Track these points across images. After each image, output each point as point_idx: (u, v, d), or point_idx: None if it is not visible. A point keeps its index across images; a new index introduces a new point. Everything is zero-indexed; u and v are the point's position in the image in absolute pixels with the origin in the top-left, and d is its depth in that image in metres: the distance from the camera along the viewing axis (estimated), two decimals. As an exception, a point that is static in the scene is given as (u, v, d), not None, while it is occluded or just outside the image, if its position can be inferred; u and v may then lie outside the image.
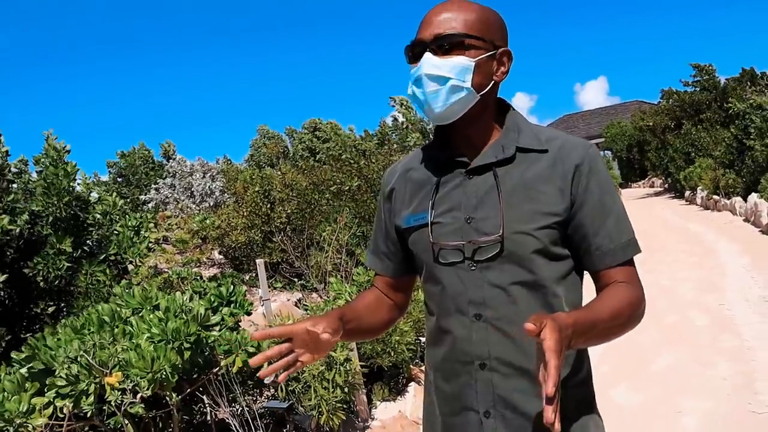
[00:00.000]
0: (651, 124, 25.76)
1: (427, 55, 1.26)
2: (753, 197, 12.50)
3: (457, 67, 1.25)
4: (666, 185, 25.03)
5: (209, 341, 3.42)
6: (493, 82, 1.31)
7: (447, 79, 1.25)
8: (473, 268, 1.27)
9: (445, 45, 1.25)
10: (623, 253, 1.28)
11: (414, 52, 1.30)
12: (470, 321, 1.28)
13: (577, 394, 1.30)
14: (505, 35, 1.34)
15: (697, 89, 23.74)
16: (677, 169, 20.83)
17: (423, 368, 4.79)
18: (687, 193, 19.41)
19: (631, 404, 4.18)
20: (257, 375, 1.33)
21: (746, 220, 12.40)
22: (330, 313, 1.30)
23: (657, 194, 24.63)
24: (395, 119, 9.61)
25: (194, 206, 14.75)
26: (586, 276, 1.36)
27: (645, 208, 18.75)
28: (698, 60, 24.23)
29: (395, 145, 9.99)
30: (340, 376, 3.59)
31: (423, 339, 4.86)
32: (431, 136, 1.58)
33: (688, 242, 10.81)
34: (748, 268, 7.92)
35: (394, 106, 9.92)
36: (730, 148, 16.68)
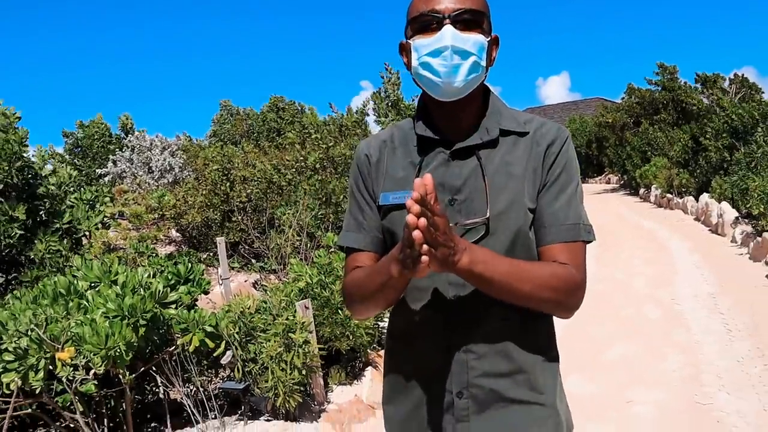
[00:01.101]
0: (610, 121, 26.27)
1: (450, 27, 1.22)
2: (704, 197, 12.88)
3: (478, 43, 1.24)
4: (622, 182, 25.59)
5: (166, 319, 3.34)
6: (488, 66, 1.31)
7: (470, 54, 1.23)
8: None
9: (468, 20, 1.23)
10: (567, 233, 1.25)
11: (425, 24, 1.25)
12: (448, 304, 1.27)
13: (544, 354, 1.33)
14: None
15: (659, 88, 24.27)
16: (634, 166, 21.31)
17: (381, 353, 4.79)
18: (642, 190, 19.88)
19: (583, 394, 4.27)
20: (215, 355, 1.24)
21: (697, 219, 12.77)
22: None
23: (613, 190, 25.16)
24: (380, 93, 9.45)
25: (152, 182, 14.44)
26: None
27: (601, 204, 19.13)
28: (664, 60, 24.74)
29: (370, 126, 9.90)
30: (298, 358, 3.56)
31: (382, 324, 4.86)
32: (406, 115, 1.54)
33: (642, 238, 11.07)
34: (698, 265, 8.17)
35: (381, 77, 9.74)
36: (685, 147, 17.13)
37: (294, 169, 8.97)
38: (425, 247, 1.00)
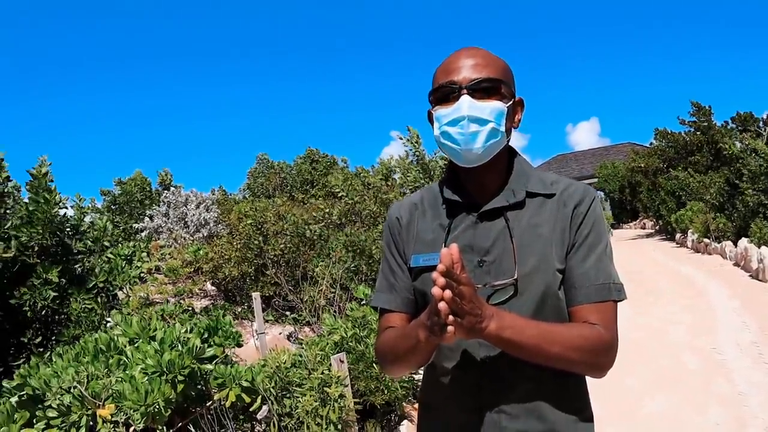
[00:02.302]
0: (643, 165, 26.06)
1: (467, 98, 1.29)
2: (743, 242, 12.61)
3: (496, 110, 1.30)
4: (657, 227, 25.20)
5: (203, 374, 3.40)
6: (512, 129, 1.38)
7: (487, 122, 1.29)
8: None
9: (485, 89, 1.30)
10: (597, 294, 1.28)
11: (444, 94, 1.32)
12: (478, 365, 1.30)
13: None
14: (514, 85, 1.40)
15: (692, 129, 24.04)
16: (668, 211, 21.01)
17: (416, 406, 4.76)
18: (678, 235, 19.54)
19: (623, 448, 4.16)
20: (251, 410, 1.27)
21: (736, 264, 12.48)
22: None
23: (648, 236, 24.78)
24: (401, 156, 9.70)
25: (188, 236, 14.73)
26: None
27: (636, 249, 18.84)
28: (696, 99, 24.58)
29: (398, 181, 10.06)
30: (333, 412, 3.57)
31: (417, 377, 4.83)
32: (432, 174, 1.61)
33: (679, 285, 10.85)
34: (739, 312, 7.96)
35: (400, 139, 9.97)
36: (721, 191, 16.88)
37: (322, 223, 9.12)
38: (451, 317, 1.05)
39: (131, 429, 2.93)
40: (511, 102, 1.35)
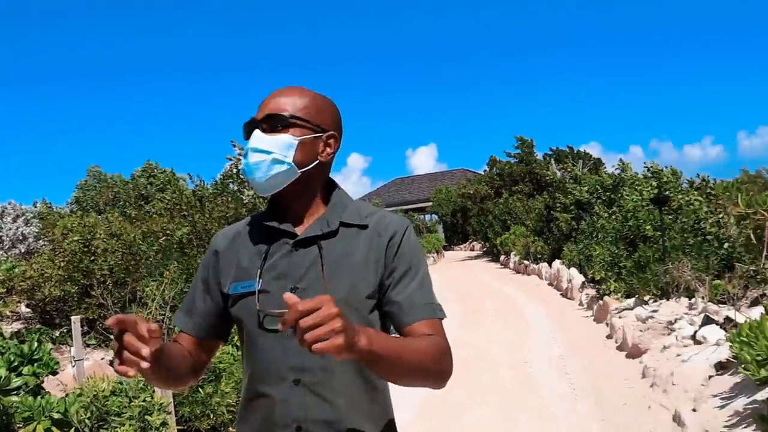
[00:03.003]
0: (472, 191, 27.92)
1: (256, 132, 1.41)
2: (556, 263, 13.95)
3: (281, 143, 1.39)
4: (484, 249, 27.02)
5: (7, 408, 3.15)
6: (317, 161, 1.45)
7: (269, 153, 1.39)
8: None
9: (272, 124, 1.41)
10: (425, 312, 1.38)
11: (247, 130, 1.44)
12: (289, 386, 1.36)
13: None
14: (335, 121, 1.49)
15: (517, 161, 26.28)
16: (495, 234, 22.63)
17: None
18: (502, 257, 21.10)
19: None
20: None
21: (551, 284, 13.75)
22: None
23: (477, 257, 26.47)
24: (237, 168, 9.63)
25: (1, 252, 13.38)
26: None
27: (466, 270, 20.06)
28: (524, 133, 26.97)
29: (230, 197, 9.92)
30: (155, 441, 3.46)
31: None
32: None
33: (503, 304, 11.72)
34: (551, 329, 8.80)
35: (228, 159, 9.92)
36: (540, 216, 18.53)
37: (163, 240, 8.75)
38: (310, 334, 1.03)
39: None
40: (310, 136, 1.43)
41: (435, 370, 1.32)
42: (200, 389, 4.15)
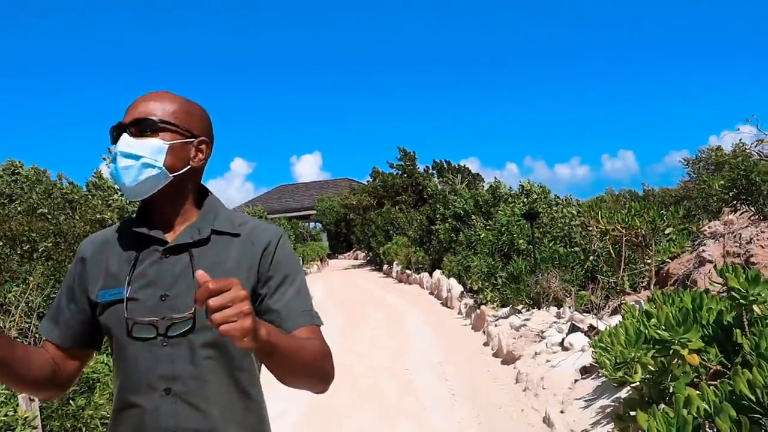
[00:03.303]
0: (355, 202, 28.26)
1: (124, 136, 1.37)
2: (437, 273, 14.40)
3: (150, 147, 1.36)
4: (368, 258, 27.38)
5: None
6: (189, 166, 1.42)
7: (139, 157, 1.35)
8: (165, 344, 1.34)
9: (141, 128, 1.37)
10: (303, 319, 1.40)
11: (115, 134, 1.39)
12: (159, 396, 1.33)
13: None
14: (206, 126, 1.47)
15: (400, 172, 26.91)
16: (378, 243, 23.01)
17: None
18: (385, 266, 21.48)
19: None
20: None
21: (431, 293, 14.17)
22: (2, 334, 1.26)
23: (360, 266, 26.76)
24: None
25: None
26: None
27: (349, 279, 20.23)
28: (407, 145, 27.71)
29: (99, 201, 9.40)
30: (20, 459, 3.22)
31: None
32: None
33: (385, 312, 11.93)
34: (430, 336, 9.08)
35: (104, 159, 9.43)
36: (422, 227, 19.07)
37: (27, 245, 8.12)
38: (218, 314, 1.02)
39: None
40: (180, 141, 1.40)
41: (323, 370, 1.35)
42: (71, 401, 3.90)
